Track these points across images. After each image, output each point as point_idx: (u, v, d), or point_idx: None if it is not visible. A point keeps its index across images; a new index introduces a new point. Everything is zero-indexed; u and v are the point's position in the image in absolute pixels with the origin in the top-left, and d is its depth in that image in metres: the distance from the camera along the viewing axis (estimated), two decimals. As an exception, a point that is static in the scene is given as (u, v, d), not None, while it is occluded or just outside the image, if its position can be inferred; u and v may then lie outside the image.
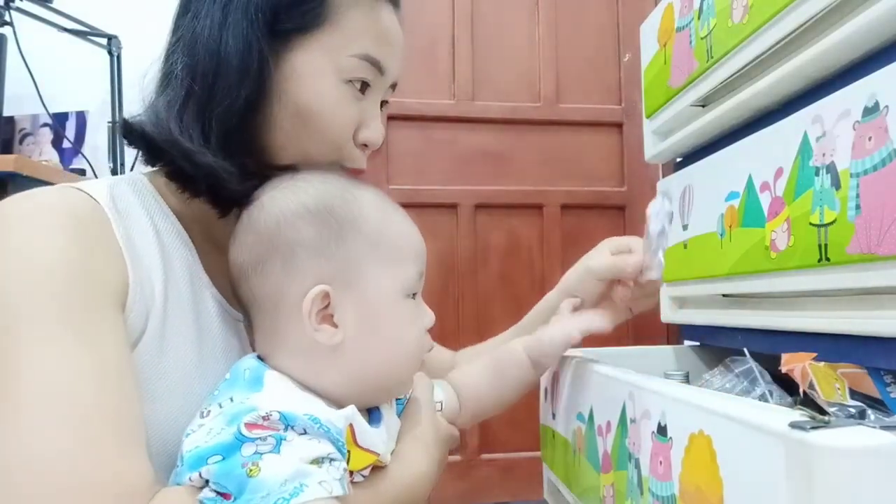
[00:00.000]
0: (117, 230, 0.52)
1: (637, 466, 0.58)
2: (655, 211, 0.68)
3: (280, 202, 0.52)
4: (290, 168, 0.58)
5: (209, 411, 0.48)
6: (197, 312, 0.56)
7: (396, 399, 0.60)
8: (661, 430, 0.53)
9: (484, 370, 0.72)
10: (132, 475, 0.44)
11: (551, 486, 0.95)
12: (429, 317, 0.56)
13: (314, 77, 0.57)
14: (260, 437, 0.43)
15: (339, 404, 0.50)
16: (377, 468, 0.52)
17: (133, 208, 0.55)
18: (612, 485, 0.65)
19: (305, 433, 0.44)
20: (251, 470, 0.42)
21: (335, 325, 0.51)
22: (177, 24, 0.59)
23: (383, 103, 0.65)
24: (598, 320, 0.71)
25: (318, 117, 0.57)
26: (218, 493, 0.43)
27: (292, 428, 0.44)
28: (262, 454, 0.42)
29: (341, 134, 0.59)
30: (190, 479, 0.44)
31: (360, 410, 0.51)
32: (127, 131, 0.56)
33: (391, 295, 0.52)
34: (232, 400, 0.47)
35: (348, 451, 0.47)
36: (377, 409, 0.56)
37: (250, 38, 0.54)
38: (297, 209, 0.51)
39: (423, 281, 0.56)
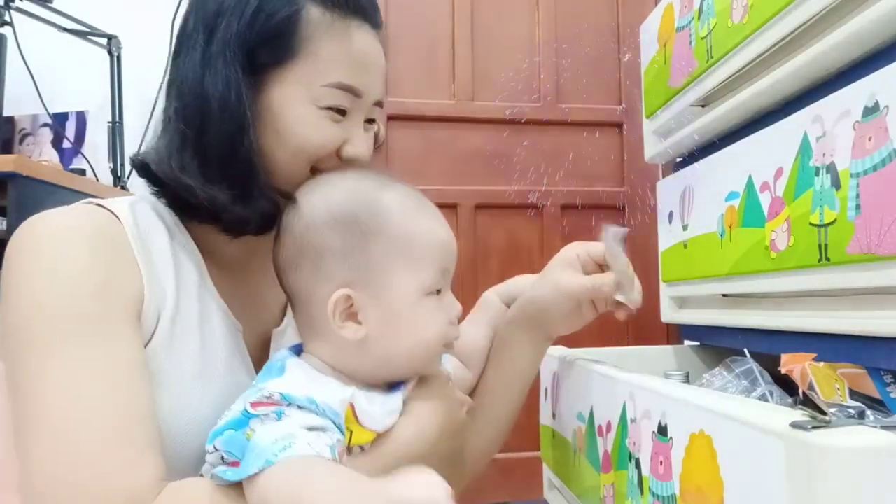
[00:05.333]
0: (135, 246, 0.57)
1: (637, 466, 0.58)
2: (615, 236, 0.68)
3: (311, 208, 0.57)
4: (287, 194, 0.60)
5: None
6: (202, 322, 0.61)
7: None
8: (662, 430, 0.53)
9: (468, 324, 0.78)
10: (143, 477, 0.50)
11: (551, 486, 0.95)
12: (455, 309, 0.60)
13: (292, 106, 0.60)
14: (263, 413, 0.49)
15: (364, 382, 0.57)
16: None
17: (151, 225, 0.61)
18: (612, 485, 0.65)
19: (303, 410, 0.50)
20: (248, 434, 0.48)
21: (359, 323, 0.56)
22: (170, 66, 0.64)
23: (370, 121, 0.66)
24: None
25: (297, 139, 0.60)
26: (229, 463, 0.49)
27: (292, 405, 0.50)
28: (263, 423, 0.49)
29: (320, 153, 0.62)
30: (207, 451, 0.51)
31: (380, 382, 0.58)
32: (136, 167, 0.63)
33: (411, 295, 0.57)
34: (257, 388, 0.52)
35: (349, 430, 0.53)
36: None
37: (230, 77, 0.58)
38: (325, 218, 0.56)
39: (452, 274, 0.61)
